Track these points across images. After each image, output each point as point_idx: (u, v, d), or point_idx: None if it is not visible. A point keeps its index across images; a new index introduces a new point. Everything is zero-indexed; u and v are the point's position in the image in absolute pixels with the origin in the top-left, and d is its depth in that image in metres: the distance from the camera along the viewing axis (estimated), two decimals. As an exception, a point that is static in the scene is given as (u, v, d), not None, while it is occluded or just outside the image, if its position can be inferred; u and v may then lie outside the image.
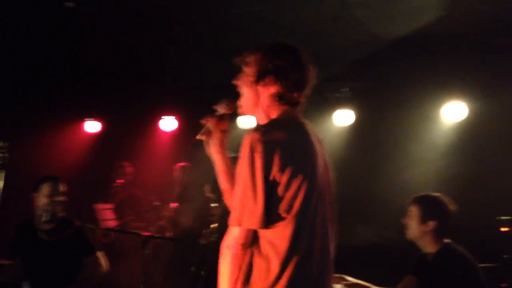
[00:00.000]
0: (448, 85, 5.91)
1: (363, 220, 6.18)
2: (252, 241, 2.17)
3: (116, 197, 6.75)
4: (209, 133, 2.48)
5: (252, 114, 2.42)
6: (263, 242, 2.16)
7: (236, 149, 2.26)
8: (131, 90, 6.90)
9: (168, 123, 7.29)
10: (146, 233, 4.07)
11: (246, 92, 2.39)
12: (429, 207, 3.47)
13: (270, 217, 2.13)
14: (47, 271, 3.99)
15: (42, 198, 4.07)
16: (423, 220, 3.44)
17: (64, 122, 7.35)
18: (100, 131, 7.59)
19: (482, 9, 4.76)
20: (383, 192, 5.96)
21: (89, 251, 4.13)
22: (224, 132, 2.48)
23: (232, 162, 2.43)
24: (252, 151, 2.13)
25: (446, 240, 3.44)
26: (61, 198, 4.11)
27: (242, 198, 2.13)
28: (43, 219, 4.03)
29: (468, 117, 5.93)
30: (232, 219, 2.16)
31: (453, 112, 6.00)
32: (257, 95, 2.36)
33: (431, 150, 6.03)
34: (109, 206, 6.37)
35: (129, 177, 6.97)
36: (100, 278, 4.16)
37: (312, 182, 2.18)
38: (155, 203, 6.19)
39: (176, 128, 7.30)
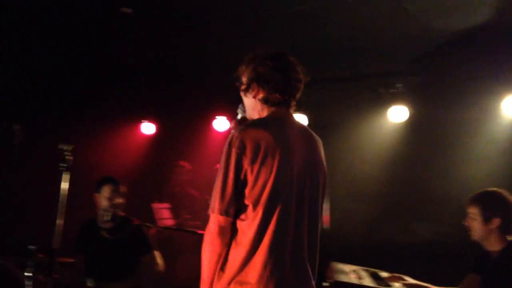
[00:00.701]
0: (508, 78, 5.70)
1: (420, 217, 6.07)
2: (230, 232, 2.34)
3: (172, 197, 6.87)
4: None
5: (254, 118, 2.59)
6: (240, 233, 2.33)
7: None
8: (184, 92, 7.01)
9: (221, 123, 7.38)
10: (203, 232, 4.13)
11: (244, 100, 2.60)
12: (490, 204, 3.30)
13: (242, 208, 2.32)
14: (108, 268, 4.13)
15: (103, 200, 4.24)
16: (487, 219, 3.27)
17: (122, 125, 7.56)
18: (155, 133, 7.76)
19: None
20: (440, 189, 5.83)
21: (147, 249, 4.25)
22: None
23: None
24: (230, 146, 2.34)
25: (510, 238, 3.30)
26: (121, 200, 4.27)
27: (216, 189, 2.33)
28: (105, 218, 4.19)
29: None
30: (210, 207, 2.35)
31: (512, 106, 5.78)
32: (251, 101, 2.55)
33: (490, 146, 5.83)
34: (165, 205, 6.51)
35: (186, 176, 7.08)
36: (156, 276, 4.27)
37: (282, 175, 2.32)
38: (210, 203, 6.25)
39: (229, 128, 7.36)
